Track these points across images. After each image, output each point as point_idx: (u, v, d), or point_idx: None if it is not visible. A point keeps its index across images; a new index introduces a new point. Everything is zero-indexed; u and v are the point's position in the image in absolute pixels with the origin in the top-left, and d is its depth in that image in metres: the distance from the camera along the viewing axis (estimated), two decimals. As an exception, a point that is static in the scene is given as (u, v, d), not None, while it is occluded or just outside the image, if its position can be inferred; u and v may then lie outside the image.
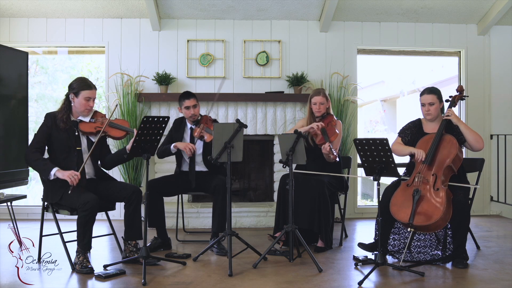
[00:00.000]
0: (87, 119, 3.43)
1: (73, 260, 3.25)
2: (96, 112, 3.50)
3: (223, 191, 3.71)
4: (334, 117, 4.06)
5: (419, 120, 3.76)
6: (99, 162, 3.59)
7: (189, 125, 4.06)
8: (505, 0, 5.06)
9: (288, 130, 4.95)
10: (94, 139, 3.45)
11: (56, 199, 3.31)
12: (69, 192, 3.21)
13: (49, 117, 3.38)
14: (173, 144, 3.91)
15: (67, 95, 3.42)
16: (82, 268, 3.16)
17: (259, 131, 5.27)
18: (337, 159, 3.81)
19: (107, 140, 3.66)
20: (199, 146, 3.98)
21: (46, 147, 3.40)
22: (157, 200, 3.85)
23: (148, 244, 3.72)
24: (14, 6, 5.12)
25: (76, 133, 3.40)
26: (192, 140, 3.98)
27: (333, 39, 5.50)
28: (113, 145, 4.93)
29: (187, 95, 3.97)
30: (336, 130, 3.91)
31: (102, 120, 3.46)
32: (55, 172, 3.23)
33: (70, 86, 3.41)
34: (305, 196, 3.77)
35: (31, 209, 5.29)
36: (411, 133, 3.70)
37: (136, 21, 5.38)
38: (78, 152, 3.37)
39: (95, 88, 3.44)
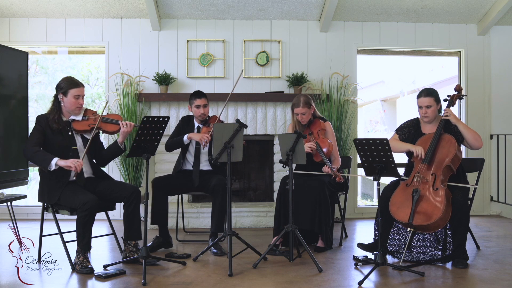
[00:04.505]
0: (79, 118, 3.43)
1: (73, 260, 3.26)
2: (86, 109, 3.50)
3: (222, 190, 3.71)
4: (321, 120, 4.03)
5: (417, 119, 3.74)
6: (94, 161, 3.59)
7: (196, 124, 4.10)
8: (505, 0, 5.06)
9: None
10: (89, 136, 3.44)
11: (54, 200, 3.30)
12: (74, 178, 3.27)
13: (42, 118, 3.38)
14: (186, 135, 3.92)
15: (55, 96, 3.42)
16: (82, 268, 3.17)
17: (259, 131, 5.27)
18: (341, 181, 3.74)
19: (99, 136, 3.66)
20: (205, 148, 4.00)
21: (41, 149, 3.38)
22: (162, 197, 3.86)
23: (149, 244, 3.73)
24: (14, 6, 5.12)
25: (70, 133, 3.40)
26: None
27: (333, 39, 5.50)
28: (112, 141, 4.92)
29: (198, 94, 4.01)
30: (328, 140, 3.90)
31: (95, 116, 3.46)
32: (56, 161, 3.20)
33: (58, 86, 3.41)
34: (305, 196, 3.77)
35: (31, 209, 5.30)
36: (409, 132, 3.69)
37: (136, 21, 5.38)
38: (74, 151, 3.36)
39: (83, 86, 3.44)
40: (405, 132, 3.71)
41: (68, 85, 3.38)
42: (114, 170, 5.17)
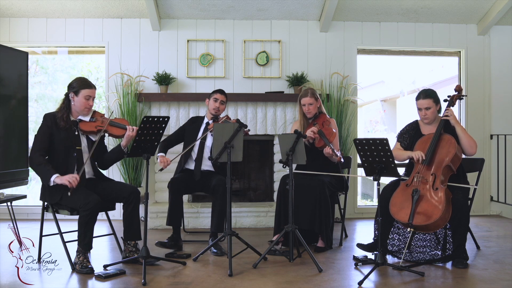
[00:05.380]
0: (87, 119, 3.43)
1: (73, 260, 3.25)
2: (95, 111, 3.51)
3: (222, 190, 3.72)
4: (327, 115, 4.06)
5: (416, 122, 3.74)
6: (96, 163, 3.59)
7: (206, 120, 4.14)
8: (505, 0, 5.06)
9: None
10: (95, 138, 3.45)
11: (56, 200, 3.30)
12: (69, 194, 3.22)
13: (48, 117, 3.38)
14: (159, 155, 4.02)
15: (66, 95, 3.43)
16: (82, 268, 3.16)
17: (259, 131, 5.27)
18: (342, 160, 3.78)
19: (104, 139, 3.67)
20: (209, 144, 4.03)
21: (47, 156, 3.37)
22: (179, 198, 3.88)
23: (166, 241, 3.78)
24: (14, 6, 5.12)
25: (76, 133, 3.41)
26: (205, 133, 4.05)
27: (333, 39, 5.50)
28: (113, 144, 4.93)
29: (221, 90, 4.14)
30: (333, 129, 3.91)
31: (102, 119, 3.46)
32: (54, 179, 3.21)
33: (70, 86, 3.42)
34: (305, 196, 3.77)
35: (31, 209, 5.30)
36: (409, 136, 3.69)
37: (136, 21, 5.38)
38: (78, 151, 3.37)
39: (95, 88, 3.46)
40: (405, 138, 3.70)
41: (80, 85, 3.39)
42: (114, 170, 5.17)
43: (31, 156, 3.31)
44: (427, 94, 3.57)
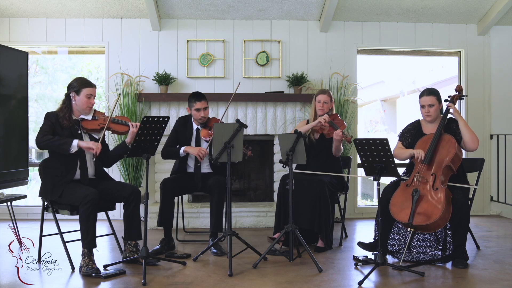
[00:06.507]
0: (89, 117, 3.45)
1: (79, 264, 3.20)
2: (95, 110, 3.52)
3: (218, 190, 3.72)
4: (338, 115, 4.12)
5: (418, 121, 3.75)
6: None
7: (195, 126, 4.08)
8: (505, 0, 5.06)
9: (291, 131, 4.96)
10: (98, 136, 3.46)
11: (57, 195, 3.29)
12: (94, 160, 3.36)
13: (51, 115, 3.38)
14: (183, 148, 3.91)
15: (67, 95, 3.43)
16: (88, 269, 3.12)
17: (259, 131, 5.27)
18: (351, 142, 3.81)
19: (105, 138, 3.67)
20: (204, 147, 3.99)
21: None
22: (171, 199, 3.86)
23: (157, 247, 3.73)
24: (14, 6, 5.12)
25: (79, 132, 3.42)
26: (198, 141, 4.00)
27: (333, 39, 5.50)
28: (115, 143, 4.93)
29: (198, 96, 3.96)
30: (344, 123, 3.99)
31: (104, 117, 3.49)
32: (78, 143, 3.25)
33: (70, 85, 3.43)
34: (305, 196, 3.77)
35: (31, 209, 5.30)
36: (411, 135, 3.70)
37: (136, 21, 5.38)
38: (82, 150, 3.36)
39: (95, 86, 3.48)
40: (407, 137, 3.71)
41: (81, 84, 3.41)
42: (114, 170, 5.17)
43: (38, 139, 3.28)
44: (431, 92, 3.61)
